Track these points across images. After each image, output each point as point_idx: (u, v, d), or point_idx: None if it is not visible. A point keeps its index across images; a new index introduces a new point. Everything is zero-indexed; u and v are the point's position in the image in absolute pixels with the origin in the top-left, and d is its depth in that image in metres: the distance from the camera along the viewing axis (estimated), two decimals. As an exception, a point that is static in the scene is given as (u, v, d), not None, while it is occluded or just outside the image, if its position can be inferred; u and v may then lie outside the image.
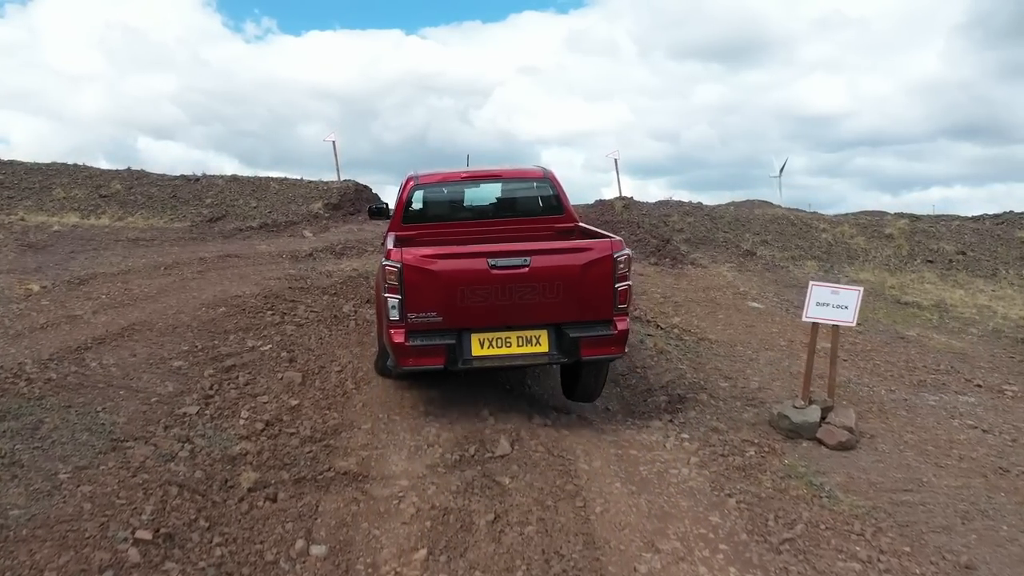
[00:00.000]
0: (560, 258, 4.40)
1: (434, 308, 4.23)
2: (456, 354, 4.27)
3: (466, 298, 4.23)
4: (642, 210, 13.31)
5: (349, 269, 9.04)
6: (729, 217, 13.51)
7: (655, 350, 6.50)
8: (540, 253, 4.37)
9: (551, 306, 4.32)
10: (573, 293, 4.31)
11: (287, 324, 6.06)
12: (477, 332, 4.33)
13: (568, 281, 4.30)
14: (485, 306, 4.25)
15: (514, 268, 4.24)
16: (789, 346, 7.08)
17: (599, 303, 4.36)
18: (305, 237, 11.15)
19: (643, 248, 11.69)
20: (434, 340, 4.24)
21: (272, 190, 13.02)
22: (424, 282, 4.20)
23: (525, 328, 4.36)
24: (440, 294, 4.21)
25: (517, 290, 4.25)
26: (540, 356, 4.39)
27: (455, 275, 4.23)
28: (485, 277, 4.22)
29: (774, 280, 10.84)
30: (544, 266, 4.29)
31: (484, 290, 4.23)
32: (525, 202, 5.90)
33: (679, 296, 8.80)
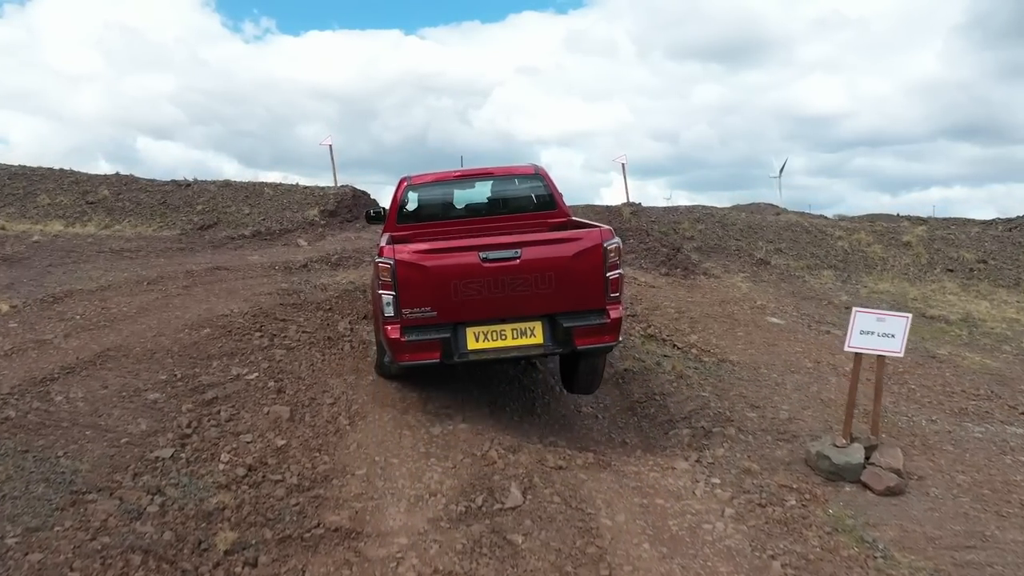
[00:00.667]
0: (550, 249, 4.44)
1: (428, 303, 4.28)
2: (452, 348, 4.31)
3: (459, 292, 4.27)
4: (651, 216, 12.88)
5: (345, 282, 8.60)
6: (741, 224, 13.08)
7: (674, 374, 6.06)
8: (530, 244, 4.41)
9: (544, 297, 4.35)
10: (565, 283, 4.34)
11: (276, 347, 5.61)
12: (472, 326, 4.37)
13: (559, 271, 4.34)
14: (479, 299, 4.30)
15: (505, 260, 4.28)
16: (816, 368, 6.64)
17: (591, 292, 4.39)
18: (300, 246, 10.71)
19: (653, 257, 11.26)
20: (429, 335, 4.29)
21: (266, 196, 12.59)
22: (417, 278, 4.25)
23: (519, 320, 4.40)
24: (434, 289, 4.27)
25: (509, 282, 4.29)
26: (535, 347, 4.43)
27: (447, 270, 4.28)
28: (477, 270, 4.26)
29: (791, 292, 10.40)
30: (535, 257, 4.33)
31: (477, 283, 4.27)
32: (517, 199, 5.94)
33: (694, 311, 8.36)
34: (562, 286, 4.34)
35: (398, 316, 4.29)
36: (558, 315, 4.39)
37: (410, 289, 4.26)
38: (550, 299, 4.36)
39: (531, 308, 4.38)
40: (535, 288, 4.33)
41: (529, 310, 4.39)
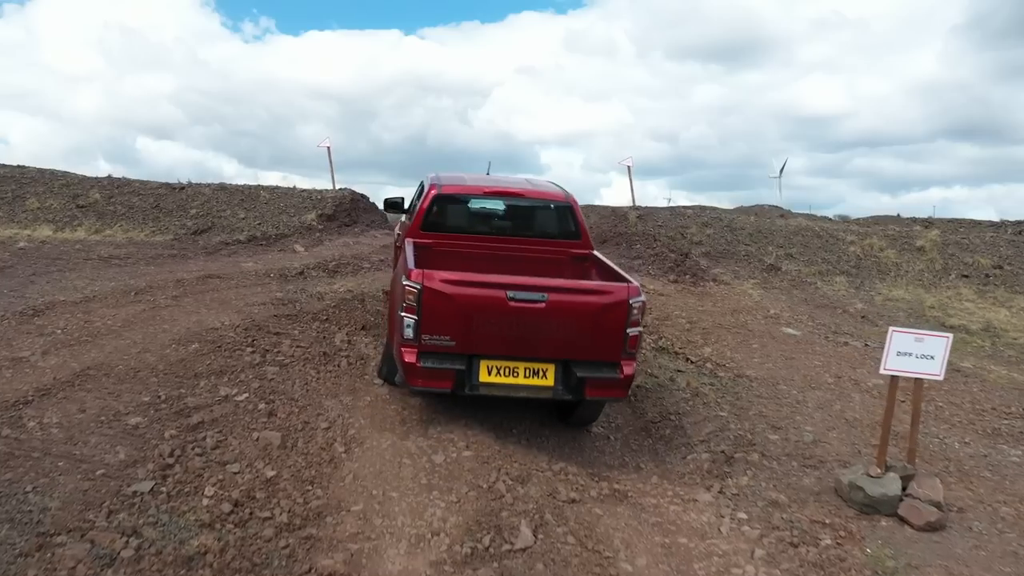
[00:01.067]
0: (577, 298, 4.42)
1: (448, 332, 4.27)
2: (464, 379, 4.30)
3: (481, 326, 4.27)
4: (657, 221, 12.58)
5: (343, 290, 8.30)
6: (750, 228, 12.78)
7: (689, 391, 5.75)
8: (559, 291, 4.37)
9: (562, 342, 4.35)
10: (585, 333, 4.35)
11: (268, 364, 5.31)
12: (487, 359, 4.37)
13: (582, 321, 4.34)
14: (498, 335, 4.30)
15: (531, 302, 4.26)
16: (837, 384, 6.34)
17: (609, 345, 4.40)
18: (296, 252, 10.41)
19: (661, 264, 10.96)
20: (444, 364, 4.28)
21: (262, 200, 12.29)
22: (442, 306, 4.24)
23: (534, 360, 4.39)
24: (456, 319, 4.26)
25: (531, 323, 4.29)
26: (545, 390, 4.43)
27: (473, 303, 4.26)
28: (502, 308, 4.25)
29: (804, 299, 10.10)
30: (560, 303, 4.31)
31: (499, 320, 4.27)
32: (544, 223, 5.87)
33: (706, 321, 8.06)
34: (582, 335, 4.35)
35: (417, 341, 4.27)
36: (572, 362, 4.39)
37: (433, 316, 4.25)
38: (568, 346, 4.37)
39: (547, 351, 4.38)
40: (555, 332, 4.33)
41: (545, 353, 4.39)
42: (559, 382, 4.41)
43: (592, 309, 4.37)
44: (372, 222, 12.88)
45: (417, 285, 4.22)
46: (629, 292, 4.41)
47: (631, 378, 4.49)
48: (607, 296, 4.42)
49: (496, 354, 4.37)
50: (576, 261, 5.58)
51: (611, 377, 4.40)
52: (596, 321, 4.35)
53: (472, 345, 4.32)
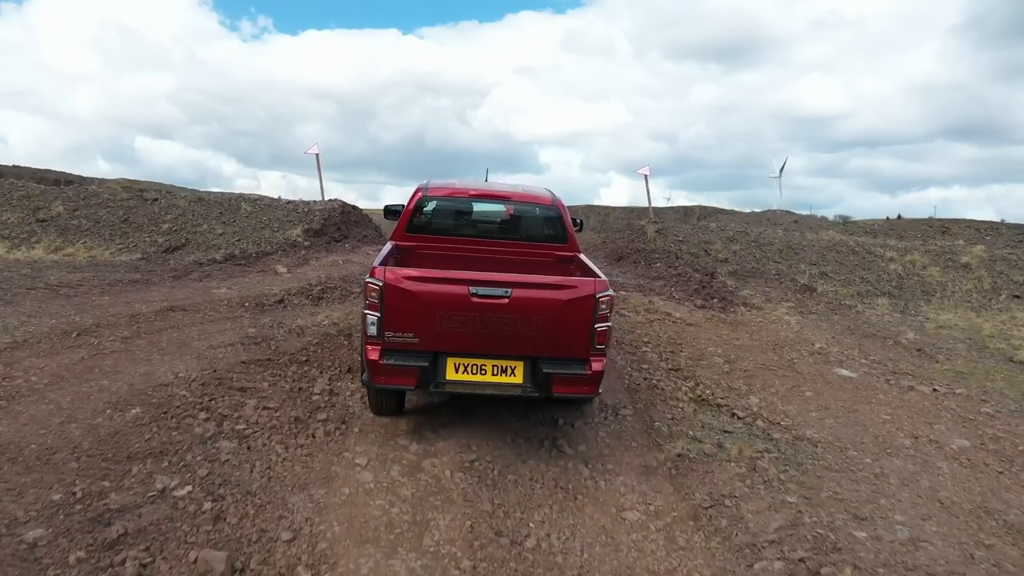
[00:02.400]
0: (541, 292, 4.39)
1: (412, 329, 4.30)
2: (429, 376, 4.33)
3: (445, 322, 4.28)
4: (678, 235, 11.58)
5: (327, 322, 7.31)
6: (779, 243, 11.78)
7: (743, 462, 4.75)
8: (522, 286, 4.35)
9: (529, 339, 4.35)
10: (552, 328, 4.34)
11: (224, 437, 4.31)
12: (453, 356, 4.39)
13: (548, 316, 4.33)
14: (463, 332, 4.31)
15: (495, 298, 4.26)
16: (915, 447, 5.33)
17: (577, 341, 4.39)
18: (278, 273, 9.41)
19: (685, 286, 9.95)
20: (408, 361, 4.31)
21: (242, 213, 11.29)
22: (404, 302, 4.26)
23: (501, 358, 4.40)
24: (419, 316, 4.27)
25: (496, 320, 4.29)
26: (513, 387, 4.44)
27: (436, 299, 4.28)
28: (465, 304, 4.26)
29: (847, 327, 9.10)
30: (525, 298, 4.30)
31: (463, 316, 4.28)
32: (530, 226, 5.91)
33: (746, 359, 7.05)
34: (548, 331, 4.33)
35: (380, 338, 4.30)
36: (540, 359, 4.39)
37: (396, 313, 4.27)
38: (535, 342, 4.36)
39: (515, 348, 4.38)
40: (521, 329, 4.32)
41: (513, 349, 4.39)
42: (527, 379, 4.40)
43: (558, 304, 4.33)
44: (364, 237, 11.89)
45: (379, 282, 4.24)
46: (596, 286, 4.38)
47: (600, 374, 4.46)
48: (573, 291, 4.38)
49: (462, 351, 4.37)
50: (561, 263, 5.56)
51: (579, 374, 4.39)
52: (563, 316, 4.32)
53: (437, 342, 4.33)
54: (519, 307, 4.29)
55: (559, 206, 5.84)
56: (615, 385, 5.83)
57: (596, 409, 5.38)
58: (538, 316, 4.32)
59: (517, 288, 4.31)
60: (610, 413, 5.37)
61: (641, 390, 5.80)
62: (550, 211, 5.82)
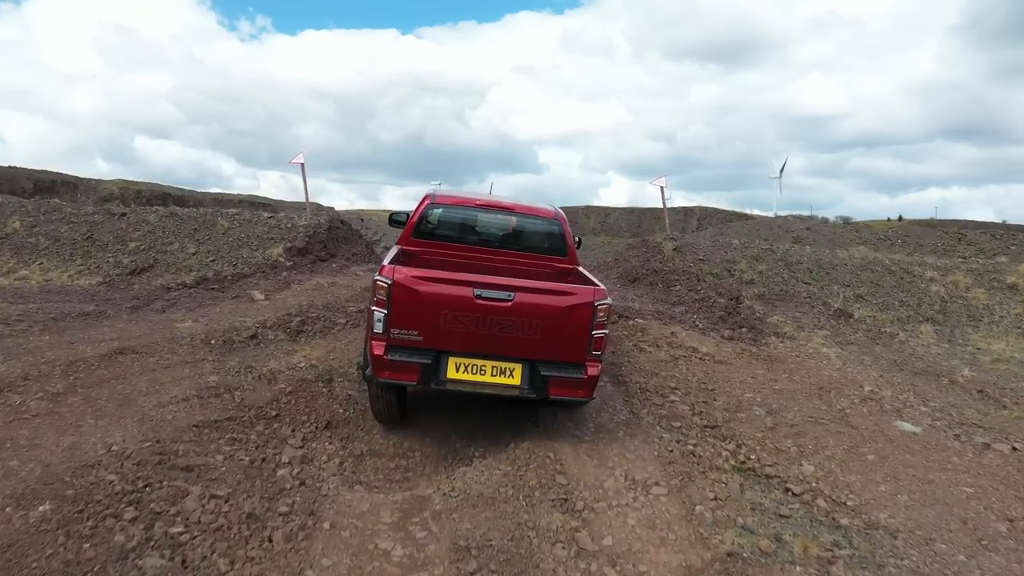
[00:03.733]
0: (543, 298, 4.59)
1: (416, 327, 4.52)
2: (431, 374, 4.55)
3: (448, 322, 4.50)
4: (698, 253, 10.66)
5: (305, 364, 6.40)
6: (808, 263, 10.86)
7: (812, 565, 3.83)
8: (525, 291, 4.56)
9: (529, 342, 4.55)
10: (551, 333, 4.55)
11: (152, 549, 3.39)
12: (455, 356, 4.60)
13: (548, 321, 4.55)
14: (466, 332, 4.52)
15: (498, 301, 4.49)
16: (1012, 534, 4.42)
17: (574, 346, 4.60)
18: (254, 300, 8.49)
19: (709, 312, 9.03)
20: (412, 358, 4.54)
21: (219, 229, 10.36)
22: (411, 301, 4.48)
23: (501, 359, 4.61)
24: (424, 315, 4.49)
25: (498, 322, 4.51)
26: (511, 388, 4.63)
27: (441, 299, 4.50)
28: (469, 305, 4.49)
29: (894, 362, 8.18)
30: (526, 303, 4.52)
31: (467, 317, 4.49)
32: (532, 238, 6.09)
33: (790, 409, 6.14)
34: (548, 335, 4.54)
35: (386, 334, 4.51)
36: (539, 362, 4.60)
37: (402, 311, 4.48)
38: (534, 345, 4.56)
39: (515, 350, 4.58)
40: (522, 332, 4.53)
41: (512, 351, 4.59)
42: (525, 381, 4.61)
43: (558, 310, 4.55)
44: (354, 255, 10.97)
45: (388, 280, 4.45)
46: (595, 294, 4.62)
47: (596, 379, 4.70)
48: (573, 297, 4.61)
49: (464, 351, 4.57)
50: (560, 276, 5.72)
51: (575, 377, 4.61)
52: (562, 322, 4.54)
53: (440, 341, 4.53)
54: (521, 311, 4.50)
55: (561, 220, 6.03)
56: (644, 453, 4.91)
57: (623, 488, 4.46)
58: (538, 320, 4.52)
59: (520, 292, 4.52)
60: (640, 491, 4.46)
61: (675, 459, 4.88)
62: (552, 225, 6.01)
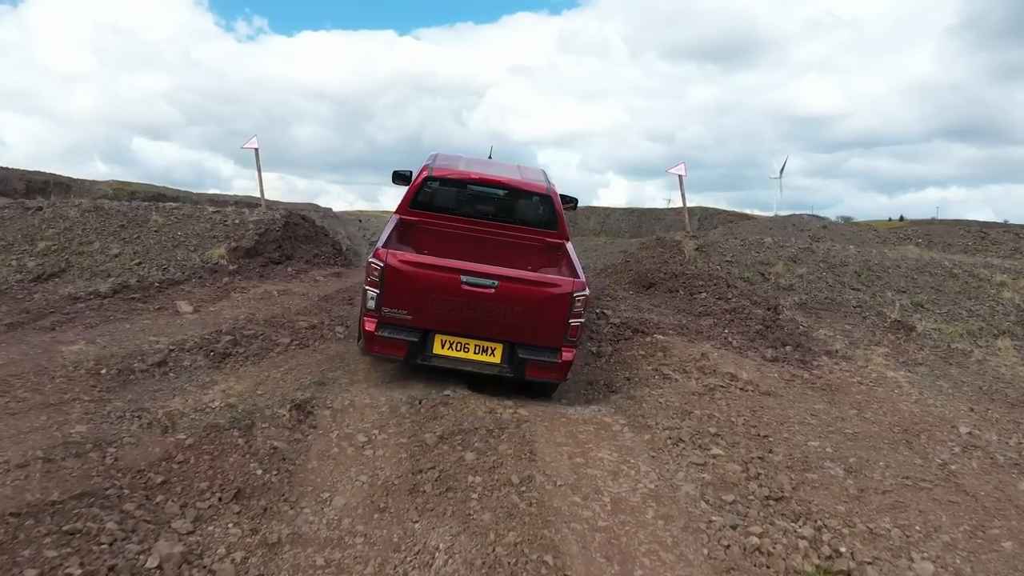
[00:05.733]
0: (524, 288, 4.99)
1: (406, 307, 4.98)
2: (417, 350, 5.04)
3: (436, 304, 4.96)
4: (724, 254, 9.11)
5: (220, 403, 4.88)
6: (854, 264, 9.32)
7: None
8: (508, 280, 4.96)
9: (509, 326, 5.01)
10: (530, 319, 4.99)
11: None
12: (441, 334, 5.07)
13: (528, 307, 4.98)
14: (451, 314, 4.98)
15: (483, 287, 4.92)
16: None
17: (551, 332, 5.03)
18: (179, 313, 6.94)
19: (744, 326, 7.49)
20: (400, 335, 5.01)
21: (151, 226, 8.79)
22: (401, 283, 4.94)
23: (483, 339, 5.08)
24: (413, 296, 4.95)
25: (482, 306, 4.95)
26: (491, 366, 5.12)
27: (429, 283, 4.94)
28: (456, 290, 4.91)
29: (980, 388, 6.64)
30: (509, 290, 4.93)
31: (453, 301, 4.94)
32: (525, 212, 6.32)
33: (874, 464, 4.59)
34: (527, 321, 4.98)
35: (377, 312, 4.99)
36: (518, 344, 5.05)
37: (393, 292, 4.94)
38: (514, 329, 5.01)
39: (496, 332, 5.04)
40: (503, 316, 4.97)
41: (494, 333, 5.04)
42: (505, 360, 5.09)
43: (538, 298, 4.99)
44: (316, 257, 9.40)
45: (381, 263, 4.93)
46: (574, 286, 5.03)
47: (570, 363, 5.15)
48: (553, 288, 5.04)
49: (449, 330, 5.05)
50: (549, 249, 6.06)
51: (551, 361, 5.06)
52: (541, 309, 4.98)
53: (427, 320, 5.01)
54: (503, 298, 4.89)
55: (552, 195, 6.23)
56: (689, 552, 3.36)
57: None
58: (519, 307, 4.93)
59: (503, 281, 4.91)
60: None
61: (735, 561, 3.34)
62: (544, 200, 6.24)
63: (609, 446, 4.57)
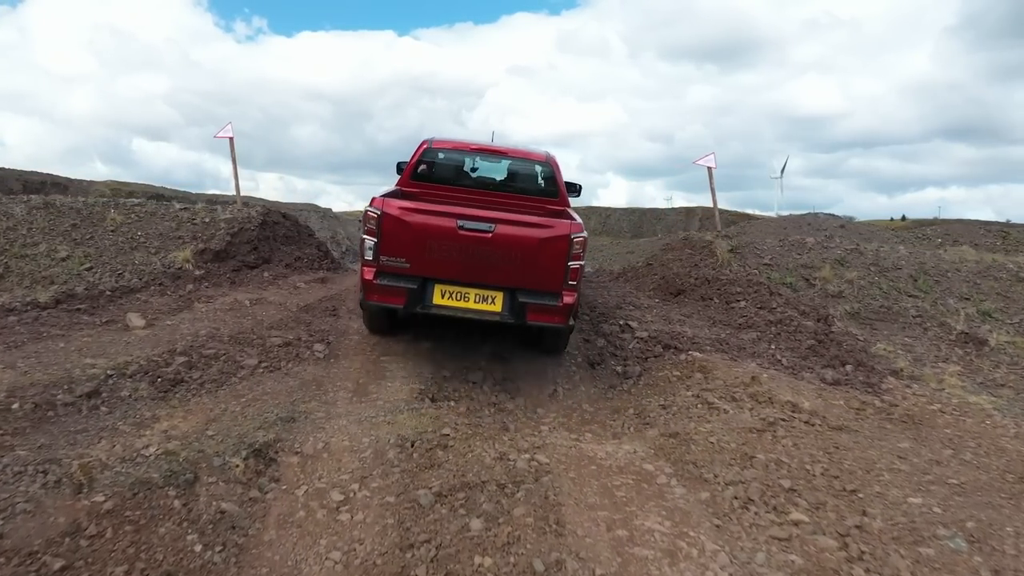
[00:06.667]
0: (521, 230, 5.01)
1: (404, 255, 5.01)
2: (416, 298, 5.04)
3: (433, 251, 4.98)
4: (761, 256, 8.08)
5: (158, 448, 3.88)
6: (908, 266, 8.29)
7: None
8: (504, 223, 4.99)
9: (508, 271, 5.02)
10: (529, 263, 5.00)
11: None
12: (440, 283, 5.08)
13: (526, 251, 4.99)
14: (449, 261, 4.99)
15: (479, 232, 4.93)
16: None
17: (551, 276, 5.05)
18: (128, 328, 5.91)
19: (793, 341, 6.46)
20: (399, 283, 5.04)
21: (107, 226, 7.76)
22: (399, 230, 4.97)
23: (483, 288, 5.08)
24: (411, 243, 4.98)
25: (480, 252, 4.96)
26: (492, 314, 5.09)
27: (426, 229, 4.96)
28: (452, 235, 4.94)
29: (1083, 417, 5.60)
30: (506, 234, 4.96)
31: (450, 247, 4.96)
32: (525, 180, 6.39)
33: (1001, 532, 3.56)
34: (526, 265, 4.99)
35: (375, 261, 5.04)
36: (518, 289, 5.05)
37: (390, 239, 4.98)
38: (513, 274, 5.02)
39: (495, 279, 5.04)
40: (502, 262, 4.98)
41: (493, 280, 5.04)
42: (506, 308, 5.07)
43: (536, 241, 4.98)
44: (299, 260, 8.36)
45: (377, 211, 4.97)
46: (572, 228, 5.06)
47: (570, 307, 5.09)
48: (550, 230, 5.04)
49: (448, 278, 5.04)
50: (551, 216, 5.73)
51: (552, 304, 5.04)
52: (540, 253, 4.99)
53: (425, 268, 5.01)
54: (501, 242, 4.95)
55: (552, 164, 6.33)
56: None
57: None
58: (517, 251, 4.97)
59: (500, 224, 4.97)
60: None
61: None
62: (545, 168, 6.31)
63: (657, 509, 3.55)
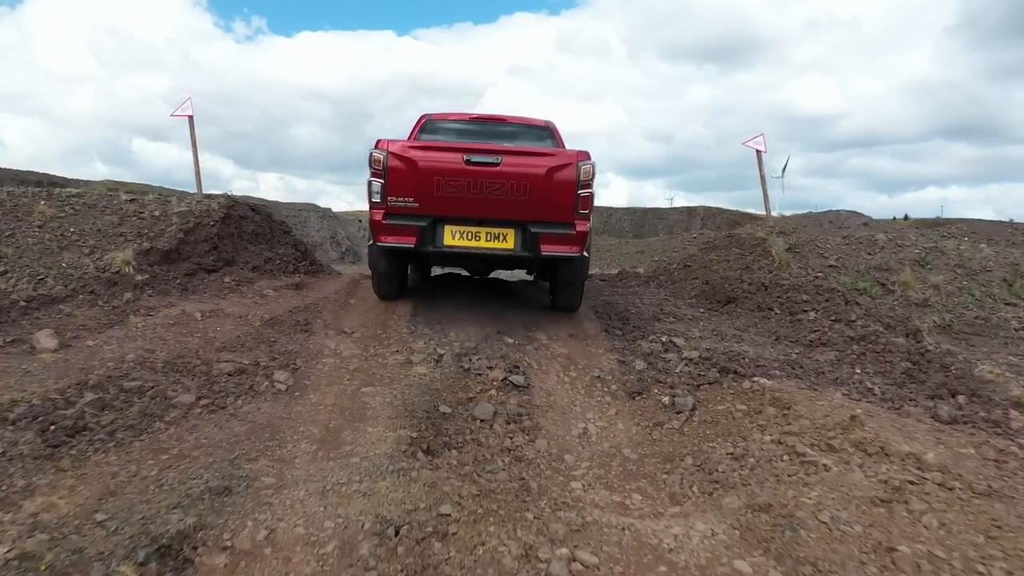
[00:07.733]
0: (529, 160, 5.08)
1: (412, 194, 5.04)
2: (428, 237, 5.09)
3: (441, 188, 4.99)
4: (825, 256, 6.78)
5: (11, 551, 2.54)
6: (999, 270, 7.00)
7: None
8: (511, 154, 5.09)
9: (519, 204, 5.02)
10: (539, 194, 5.02)
11: None
12: (450, 224, 5.11)
13: (535, 182, 5.01)
14: (459, 198, 5.00)
15: (487, 165, 4.99)
16: None
17: (562, 206, 5.07)
18: (34, 351, 4.62)
19: (881, 363, 5.19)
20: (408, 222, 5.07)
21: (33, 222, 6.48)
22: (405, 169, 5.02)
23: (494, 225, 5.12)
24: (418, 182, 5.01)
25: (488, 186, 4.98)
26: (505, 251, 5.15)
27: (433, 166, 5.01)
28: (460, 170, 4.98)
29: None
30: (514, 165, 5.02)
31: (458, 183, 4.98)
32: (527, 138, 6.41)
33: None
34: (536, 196, 5.00)
35: (383, 202, 5.10)
36: (529, 222, 5.07)
37: (397, 180, 5.03)
38: (524, 207, 5.02)
39: (506, 213, 5.04)
40: (511, 195, 4.97)
41: (504, 215, 5.05)
42: (518, 244, 5.10)
43: (544, 170, 5.00)
44: (268, 262, 7.08)
45: (383, 152, 5.06)
46: (579, 156, 5.09)
47: (584, 235, 5.11)
48: (557, 159, 5.09)
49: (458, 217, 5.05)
50: None
51: (565, 233, 5.08)
52: (549, 183, 5.00)
53: (435, 206, 5.04)
54: (509, 174, 4.97)
55: (552, 128, 6.54)
56: None
57: None
58: (526, 182, 4.98)
59: (507, 156, 5.04)
60: None
61: None
62: (544, 134, 6.48)
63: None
